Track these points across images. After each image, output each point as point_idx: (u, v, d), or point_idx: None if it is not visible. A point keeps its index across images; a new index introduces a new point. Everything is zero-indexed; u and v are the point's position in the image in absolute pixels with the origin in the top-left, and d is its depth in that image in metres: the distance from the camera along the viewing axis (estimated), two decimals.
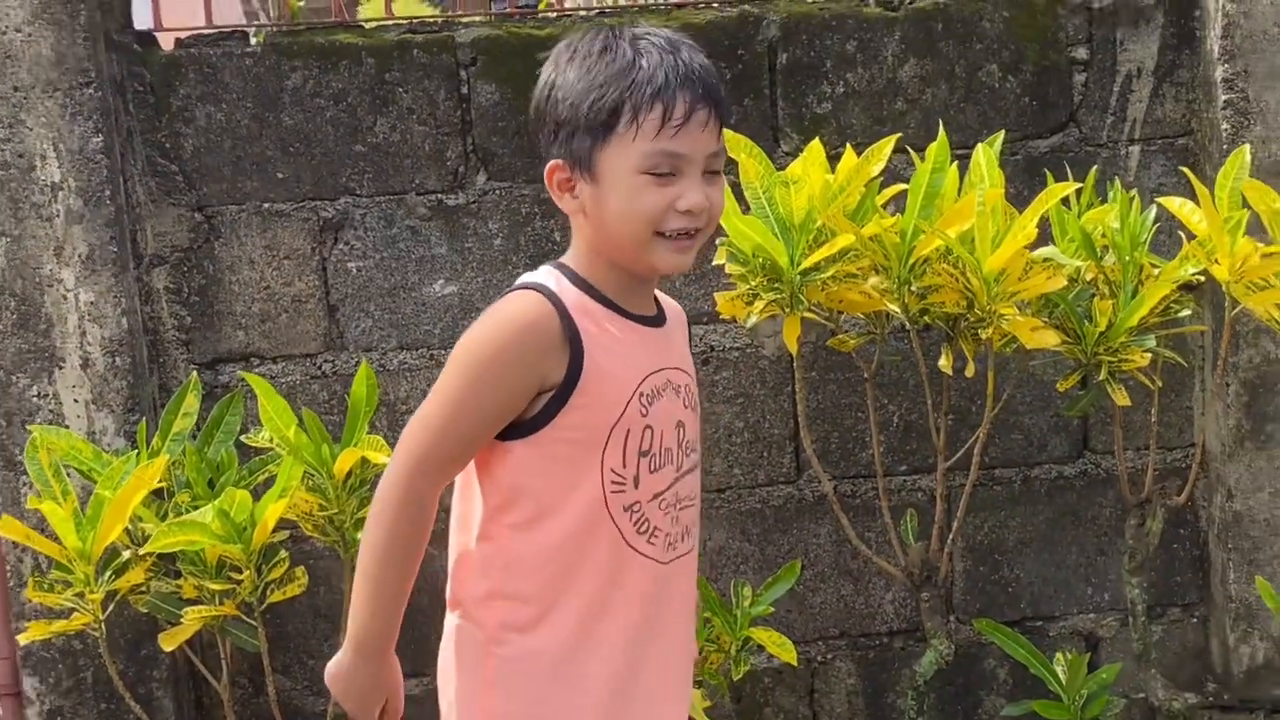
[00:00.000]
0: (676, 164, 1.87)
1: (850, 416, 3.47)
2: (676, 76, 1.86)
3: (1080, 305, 2.87)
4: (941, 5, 3.39)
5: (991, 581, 3.59)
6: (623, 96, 1.84)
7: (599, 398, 1.89)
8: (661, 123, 1.85)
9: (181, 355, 3.29)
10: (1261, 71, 3.32)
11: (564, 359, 1.86)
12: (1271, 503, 3.45)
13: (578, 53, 1.90)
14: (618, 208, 1.88)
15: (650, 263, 1.92)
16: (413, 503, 1.88)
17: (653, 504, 1.94)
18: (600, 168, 1.88)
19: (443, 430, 1.88)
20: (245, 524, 2.69)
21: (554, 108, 1.90)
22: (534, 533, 1.91)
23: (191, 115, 3.24)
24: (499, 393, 1.86)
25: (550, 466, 1.89)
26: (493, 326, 1.88)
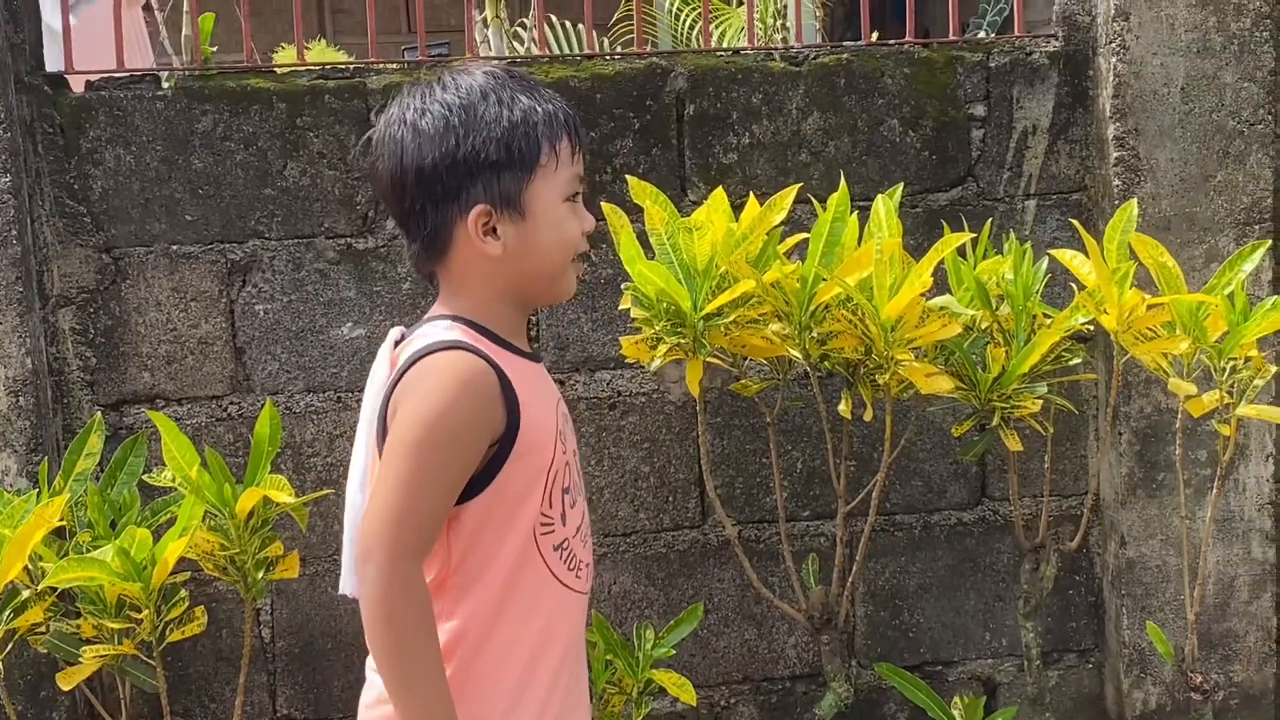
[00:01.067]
0: (580, 188, 1.99)
1: (754, 461, 3.52)
2: (567, 110, 1.97)
3: (975, 352, 2.95)
4: (844, 61, 3.48)
5: (892, 626, 3.64)
6: (543, 131, 1.92)
7: (534, 445, 1.90)
8: (573, 151, 1.95)
9: (86, 396, 3.29)
10: (1152, 130, 3.43)
11: (503, 412, 1.87)
12: (1163, 550, 3.53)
13: (466, 94, 1.91)
14: (552, 237, 1.94)
15: (561, 289, 2.00)
16: (409, 589, 1.82)
17: (576, 538, 1.97)
18: (529, 203, 1.92)
19: (414, 514, 1.82)
20: (145, 562, 2.68)
21: (473, 152, 1.89)
22: (477, 590, 1.90)
23: (101, 157, 3.25)
24: (459, 459, 1.84)
25: (492, 523, 1.89)
26: (436, 396, 1.84)
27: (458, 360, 1.86)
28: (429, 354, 1.88)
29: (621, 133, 3.41)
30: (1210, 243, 3.45)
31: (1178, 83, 3.42)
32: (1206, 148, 3.44)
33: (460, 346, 1.88)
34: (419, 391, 1.85)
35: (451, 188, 1.90)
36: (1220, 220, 3.46)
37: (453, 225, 1.92)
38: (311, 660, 3.42)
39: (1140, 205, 3.17)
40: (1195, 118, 3.44)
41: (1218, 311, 2.86)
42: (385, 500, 1.83)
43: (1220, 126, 3.44)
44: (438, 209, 1.92)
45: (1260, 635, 3.59)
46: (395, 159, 1.93)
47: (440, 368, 1.86)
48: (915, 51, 3.52)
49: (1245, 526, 3.54)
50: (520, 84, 1.95)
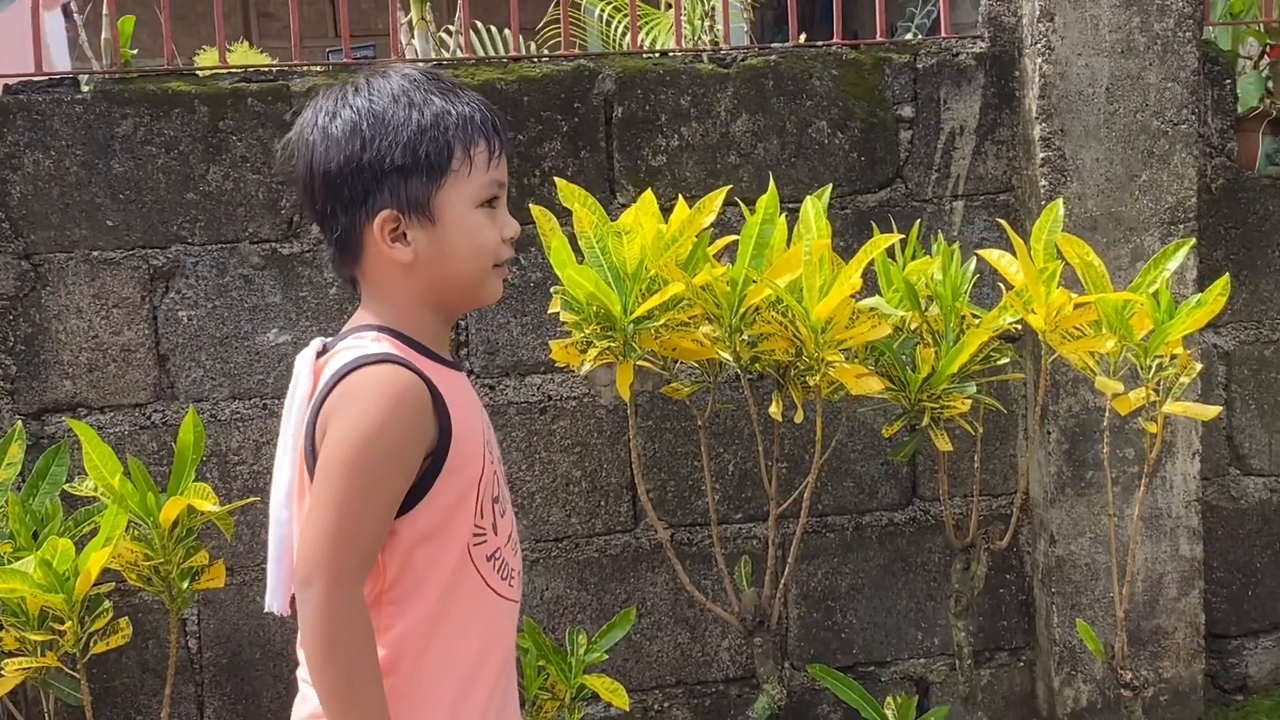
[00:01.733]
0: (498, 193, 1.91)
1: (686, 465, 3.51)
2: (486, 112, 1.91)
3: (904, 353, 2.95)
4: (772, 63, 3.48)
5: (825, 627, 3.64)
6: (455, 135, 1.86)
7: (465, 457, 1.86)
8: (489, 155, 1.88)
9: (6, 405, 3.23)
10: (1078, 130, 3.46)
11: (435, 426, 1.83)
12: (1092, 548, 3.55)
13: (377, 96, 1.87)
14: (466, 245, 1.87)
15: (482, 296, 1.94)
16: (351, 613, 1.77)
17: (507, 547, 1.94)
18: (439, 210, 1.86)
19: (353, 535, 1.78)
20: (68, 573, 2.63)
21: (378, 156, 1.84)
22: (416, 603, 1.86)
23: (19, 162, 3.19)
24: (395, 476, 1.80)
25: (427, 537, 1.85)
26: (370, 414, 1.79)
27: (389, 375, 1.81)
28: (357, 368, 1.82)
29: (549, 135, 3.39)
30: (1136, 242, 3.48)
31: (1103, 83, 3.45)
32: (1131, 148, 3.47)
33: (390, 360, 1.83)
34: (351, 410, 1.80)
35: (359, 192, 1.86)
36: (1145, 219, 3.49)
37: (362, 230, 1.88)
38: (240, 670, 3.37)
39: (1067, 205, 3.20)
40: (1120, 118, 3.46)
41: (1143, 310, 2.88)
42: (323, 523, 1.78)
43: (1145, 126, 3.47)
44: (346, 213, 1.88)
45: (1189, 631, 3.62)
46: (306, 163, 1.90)
47: (371, 383, 1.81)
48: (843, 53, 3.53)
49: (1173, 524, 3.58)
50: (438, 86, 1.90)
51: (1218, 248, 3.71)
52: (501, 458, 2.03)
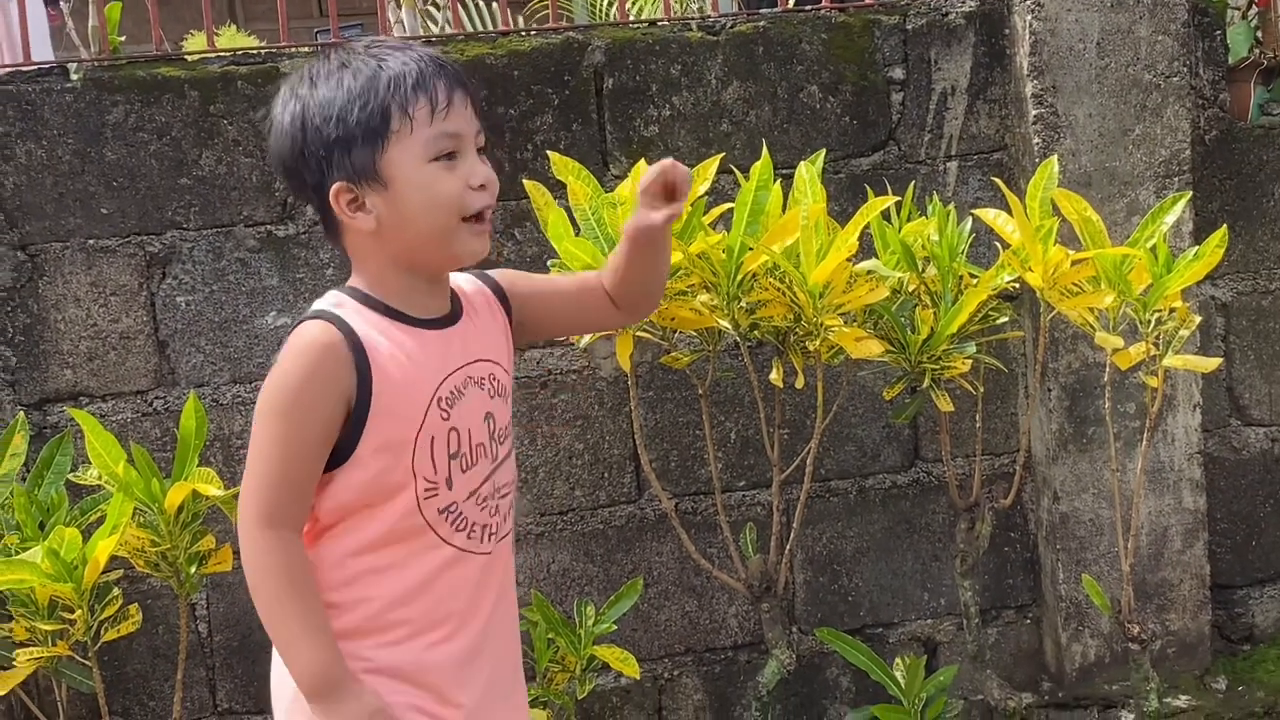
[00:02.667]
0: (457, 144, 1.91)
1: (688, 434, 3.51)
2: (426, 65, 1.91)
3: (903, 315, 2.96)
4: (761, 28, 3.47)
5: (831, 591, 3.65)
6: (387, 97, 1.88)
7: (395, 412, 1.91)
8: (431, 109, 1.89)
9: (8, 396, 3.23)
10: (1069, 86, 3.45)
11: (354, 379, 1.88)
12: (1095, 503, 3.56)
13: (319, 77, 1.92)
14: (420, 201, 1.90)
15: (455, 253, 1.94)
16: (271, 554, 1.88)
17: (469, 502, 1.97)
18: (388, 172, 1.89)
19: (270, 480, 1.89)
20: (76, 562, 2.64)
21: (317, 134, 1.90)
22: (357, 549, 1.94)
23: (11, 153, 3.18)
24: (312, 425, 1.88)
25: (366, 486, 1.92)
26: (286, 365, 1.90)
27: (308, 330, 1.90)
28: (299, 324, 1.93)
29: (541, 109, 3.38)
30: (1131, 196, 3.48)
31: (1093, 38, 3.44)
32: (1124, 102, 3.47)
33: (317, 315, 1.92)
34: (279, 361, 1.92)
35: (314, 173, 1.92)
36: (1140, 174, 3.48)
37: (326, 207, 1.94)
38: (250, 653, 3.38)
39: (1061, 162, 3.20)
40: (1112, 72, 3.46)
41: (1141, 264, 2.88)
42: (248, 468, 1.91)
43: (1137, 80, 3.47)
44: (315, 195, 1.94)
45: (1194, 583, 3.63)
46: (272, 156, 1.99)
47: (293, 339, 1.91)
48: (832, 16, 3.52)
49: (1176, 477, 3.58)
50: (375, 51, 1.92)
51: (1213, 199, 3.70)
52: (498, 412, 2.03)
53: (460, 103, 1.92)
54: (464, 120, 1.93)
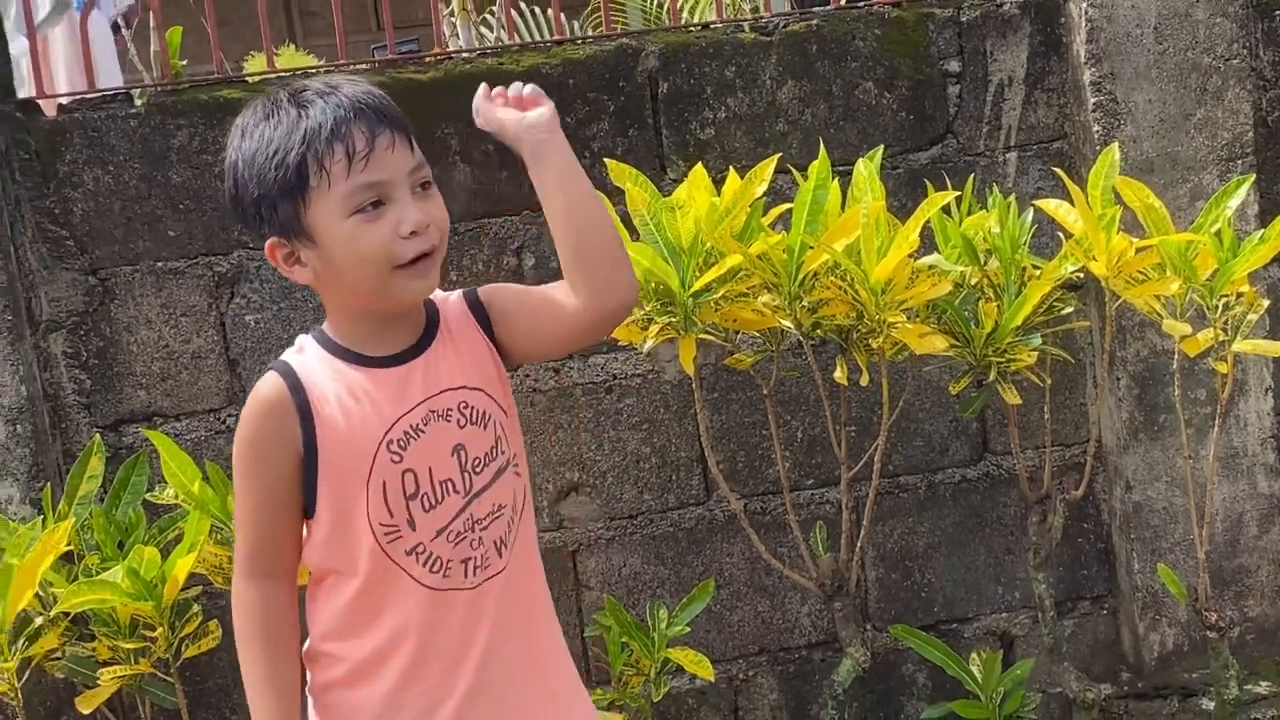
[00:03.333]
0: (381, 192, 1.86)
1: (755, 434, 3.52)
2: (345, 113, 1.86)
3: (966, 309, 2.95)
4: (815, 27, 3.47)
5: (904, 588, 3.65)
6: (302, 152, 1.84)
7: (340, 460, 1.92)
8: (349, 160, 1.84)
9: (84, 419, 3.28)
10: (1128, 73, 3.43)
11: (299, 430, 1.92)
12: (1169, 491, 3.53)
13: (246, 132, 1.91)
14: (346, 257, 1.87)
15: (396, 298, 1.92)
16: (240, 604, 2.00)
17: (438, 540, 1.95)
18: (312, 228, 1.87)
19: (244, 529, 1.99)
20: (155, 580, 2.68)
21: (245, 189, 1.90)
22: (334, 596, 1.98)
23: (79, 179, 3.24)
24: (266, 477, 1.94)
25: (333, 533, 1.95)
26: (242, 419, 1.98)
27: (261, 383, 1.97)
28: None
29: (597, 116, 3.40)
30: (1194, 181, 3.45)
31: (1150, 23, 3.42)
32: (1184, 86, 3.44)
33: (275, 368, 1.97)
34: (243, 412, 2.00)
35: (253, 225, 1.94)
36: (1203, 158, 3.45)
37: (271, 255, 1.96)
38: None
39: (1122, 149, 3.17)
40: (1170, 57, 3.43)
41: (1206, 250, 2.86)
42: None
43: (1196, 64, 3.44)
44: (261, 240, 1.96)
45: (1272, 569, 3.59)
46: None
47: (253, 390, 1.98)
48: (885, 12, 3.51)
49: (1249, 462, 3.55)
50: (296, 100, 1.88)
51: (1278, 181, 3.66)
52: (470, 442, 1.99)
53: (384, 145, 1.87)
54: (389, 164, 1.87)
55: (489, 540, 1.99)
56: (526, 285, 2.16)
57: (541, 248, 3.40)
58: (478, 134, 3.29)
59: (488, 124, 2.06)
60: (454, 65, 3.40)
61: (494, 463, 2.00)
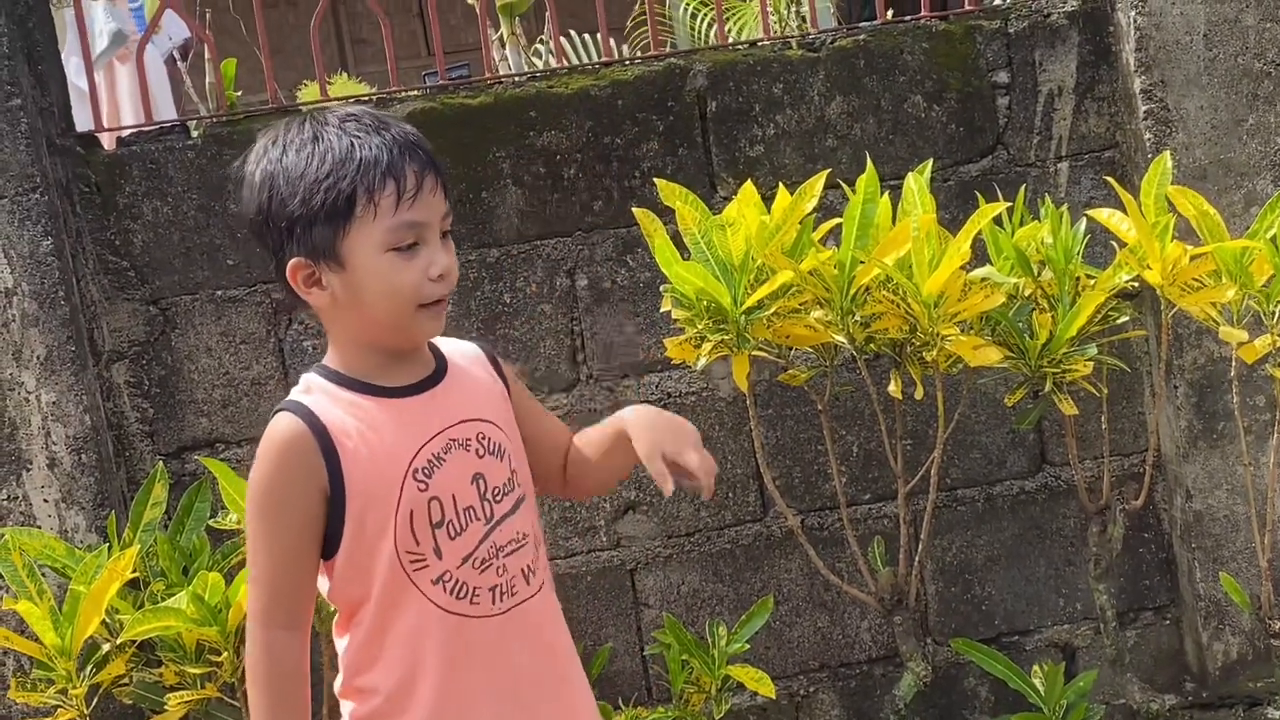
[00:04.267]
0: (420, 233, 1.90)
1: (810, 450, 3.52)
2: (398, 151, 1.89)
3: (1020, 320, 2.94)
4: (862, 42, 3.48)
5: (964, 601, 3.63)
6: (354, 181, 1.86)
7: (370, 493, 1.92)
8: (397, 197, 1.87)
9: (147, 447, 3.33)
10: (1178, 80, 3.41)
11: (324, 467, 1.91)
12: (1230, 500, 3.51)
13: (291, 145, 1.90)
14: (378, 289, 1.89)
15: (412, 335, 1.96)
16: (267, 655, 1.94)
17: (464, 567, 1.96)
18: (346, 254, 1.89)
19: (265, 580, 1.94)
20: (220, 606, 2.72)
21: (282, 205, 1.89)
22: (362, 630, 1.97)
23: (139, 211, 3.29)
24: (290, 522, 1.92)
25: (360, 568, 1.94)
26: (258, 465, 1.94)
27: (274, 425, 1.93)
28: (272, 417, 1.96)
29: (646, 136, 3.42)
30: (1248, 187, 3.43)
31: (1200, 30, 3.40)
32: (1235, 92, 3.42)
33: (285, 408, 1.95)
34: (255, 460, 1.95)
35: (276, 241, 1.93)
36: (1256, 163, 3.43)
37: (293, 275, 1.94)
38: None
39: (1174, 156, 3.16)
40: (1221, 63, 3.41)
41: (1262, 256, 2.85)
42: (248, 567, 1.98)
43: (1247, 70, 3.42)
44: (274, 258, 1.95)
45: None
46: (241, 210, 1.99)
47: (266, 435, 1.94)
48: (932, 26, 3.52)
49: None
50: (351, 127, 1.90)
51: None
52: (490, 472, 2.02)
53: (429, 188, 1.91)
54: (430, 207, 1.91)
55: (514, 568, 2.01)
56: (539, 401, 2.27)
57: (594, 269, 3.42)
58: (529, 157, 3.36)
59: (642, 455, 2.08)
60: (504, 89, 3.43)
61: (512, 492, 2.03)
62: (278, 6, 9.80)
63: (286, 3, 10.03)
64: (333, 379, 1.97)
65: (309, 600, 1.97)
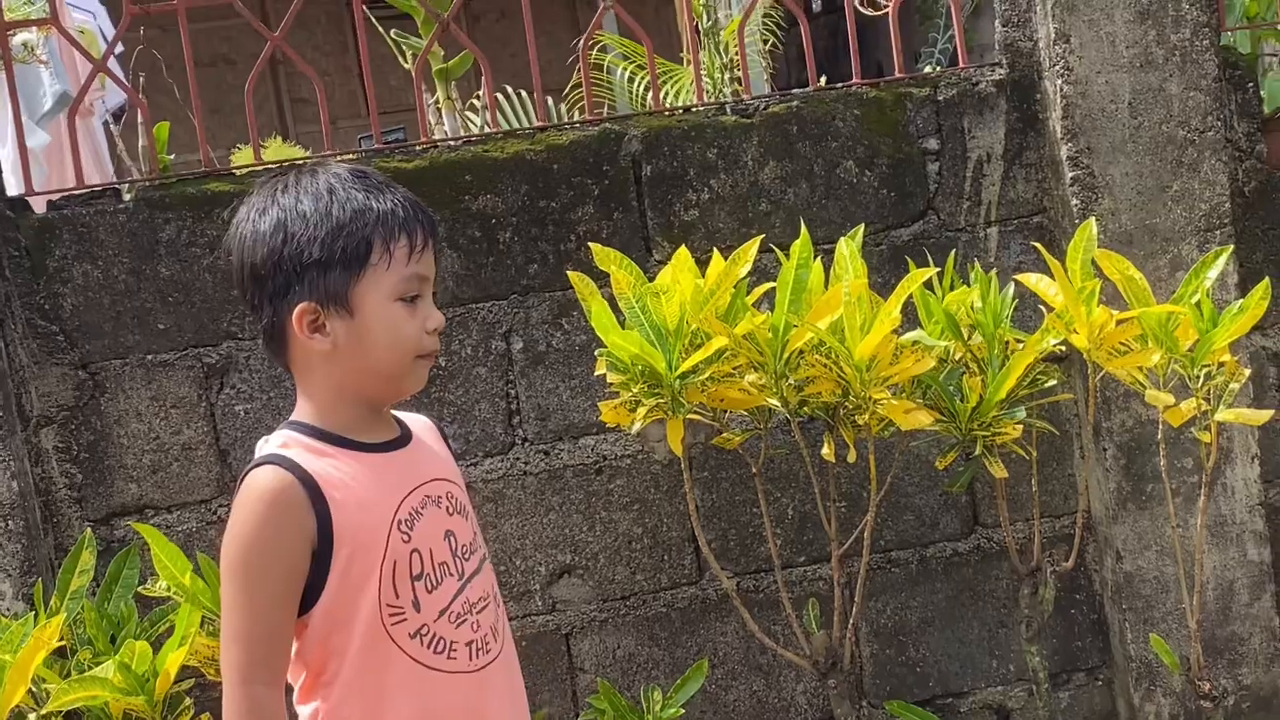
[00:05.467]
0: (420, 287, 1.98)
1: (745, 512, 3.53)
2: (411, 208, 1.98)
3: (951, 384, 2.97)
4: (794, 108, 3.52)
5: (899, 663, 3.64)
6: (374, 231, 1.93)
7: (357, 542, 1.93)
8: (410, 250, 1.96)
9: (75, 513, 3.29)
10: (1104, 147, 3.47)
11: (314, 520, 1.91)
12: (1159, 561, 3.54)
13: (303, 194, 1.96)
14: (384, 337, 1.95)
15: (405, 386, 2.01)
16: (251, 714, 1.91)
17: (441, 621, 1.98)
18: (357, 301, 1.94)
19: (248, 636, 1.91)
20: (147, 675, 2.68)
21: (298, 251, 1.93)
22: (339, 687, 1.96)
23: (69, 275, 3.27)
24: (275, 578, 1.91)
25: (339, 621, 1.94)
26: (243, 518, 1.92)
27: (263, 478, 1.93)
28: (248, 472, 1.96)
29: (582, 200, 3.43)
30: (1174, 252, 3.49)
31: (1125, 98, 3.47)
32: (1160, 159, 3.48)
33: (269, 461, 1.94)
34: (233, 515, 1.94)
35: (281, 285, 1.95)
36: (1181, 229, 3.49)
37: (284, 321, 1.96)
38: None
39: (1100, 221, 3.21)
40: (1146, 131, 3.48)
41: (1187, 320, 2.89)
42: (223, 625, 1.95)
43: (1171, 137, 3.48)
44: (271, 304, 1.97)
45: (1264, 636, 3.60)
46: (236, 256, 2.01)
47: (248, 488, 1.93)
48: (864, 92, 3.57)
49: (1238, 529, 3.56)
50: (363, 182, 1.98)
51: (1256, 250, 3.70)
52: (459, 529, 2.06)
53: (431, 249, 2.01)
54: (429, 266, 2.01)
55: (485, 624, 2.04)
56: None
57: (530, 332, 3.42)
58: (464, 220, 3.37)
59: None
60: (439, 154, 3.44)
61: (477, 552, 2.08)
62: (216, 66, 9.79)
63: (225, 61, 10.02)
64: (310, 434, 1.98)
65: (289, 656, 1.96)
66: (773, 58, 6.21)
